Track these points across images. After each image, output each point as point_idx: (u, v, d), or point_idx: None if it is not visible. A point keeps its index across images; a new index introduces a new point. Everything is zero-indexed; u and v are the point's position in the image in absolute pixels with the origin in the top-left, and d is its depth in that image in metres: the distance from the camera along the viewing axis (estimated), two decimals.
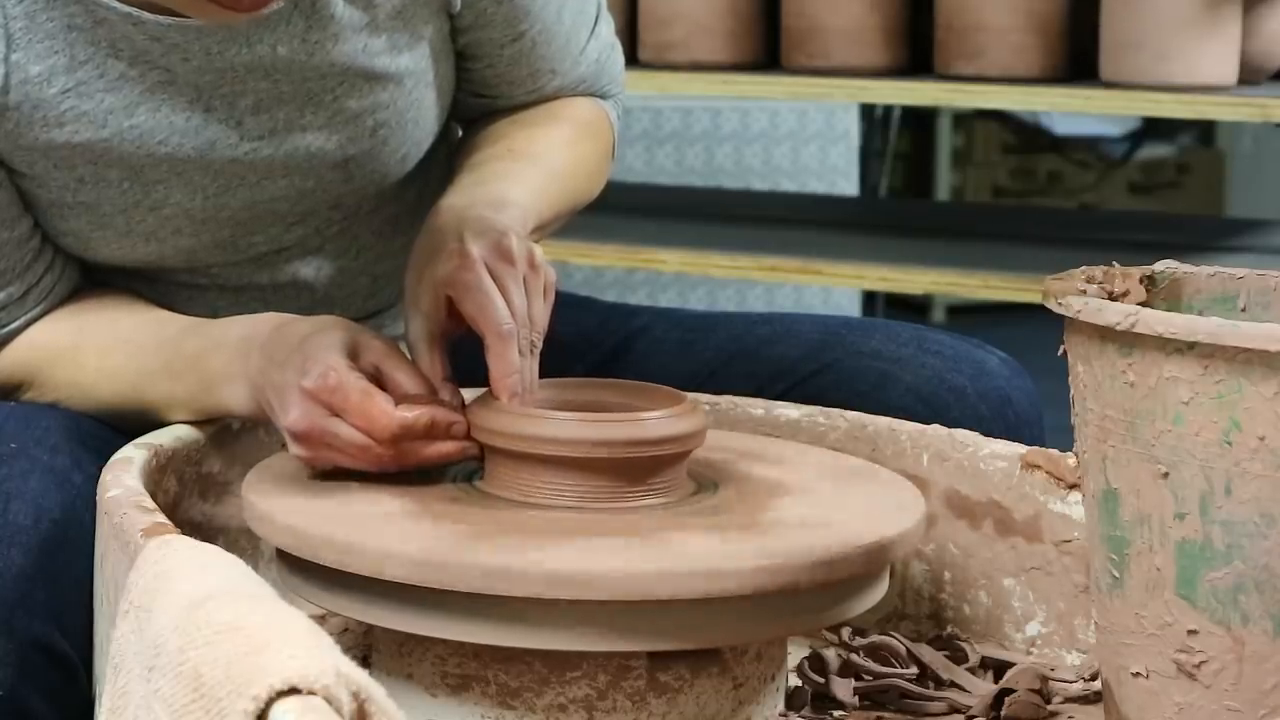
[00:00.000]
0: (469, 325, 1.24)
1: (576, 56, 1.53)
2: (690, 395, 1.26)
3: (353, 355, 1.22)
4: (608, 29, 1.57)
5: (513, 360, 1.21)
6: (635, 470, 1.19)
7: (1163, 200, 5.54)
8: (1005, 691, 1.20)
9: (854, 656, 1.24)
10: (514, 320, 1.22)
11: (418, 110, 1.42)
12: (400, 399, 1.20)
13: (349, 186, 1.42)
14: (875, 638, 1.26)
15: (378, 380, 1.22)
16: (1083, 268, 1.09)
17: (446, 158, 1.53)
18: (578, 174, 1.51)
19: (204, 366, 1.31)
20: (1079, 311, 1.01)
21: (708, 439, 1.30)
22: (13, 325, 1.38)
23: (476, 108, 1.53)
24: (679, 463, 1.22)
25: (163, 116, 1.33)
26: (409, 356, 1.25)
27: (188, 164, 1.35)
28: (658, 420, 1.20)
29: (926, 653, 1.25)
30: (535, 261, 1.27)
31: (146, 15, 1.29)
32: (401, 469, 1.22)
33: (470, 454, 1.22)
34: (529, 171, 1.43)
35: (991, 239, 3.11)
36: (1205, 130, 5.73)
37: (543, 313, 1.26)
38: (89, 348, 1.37)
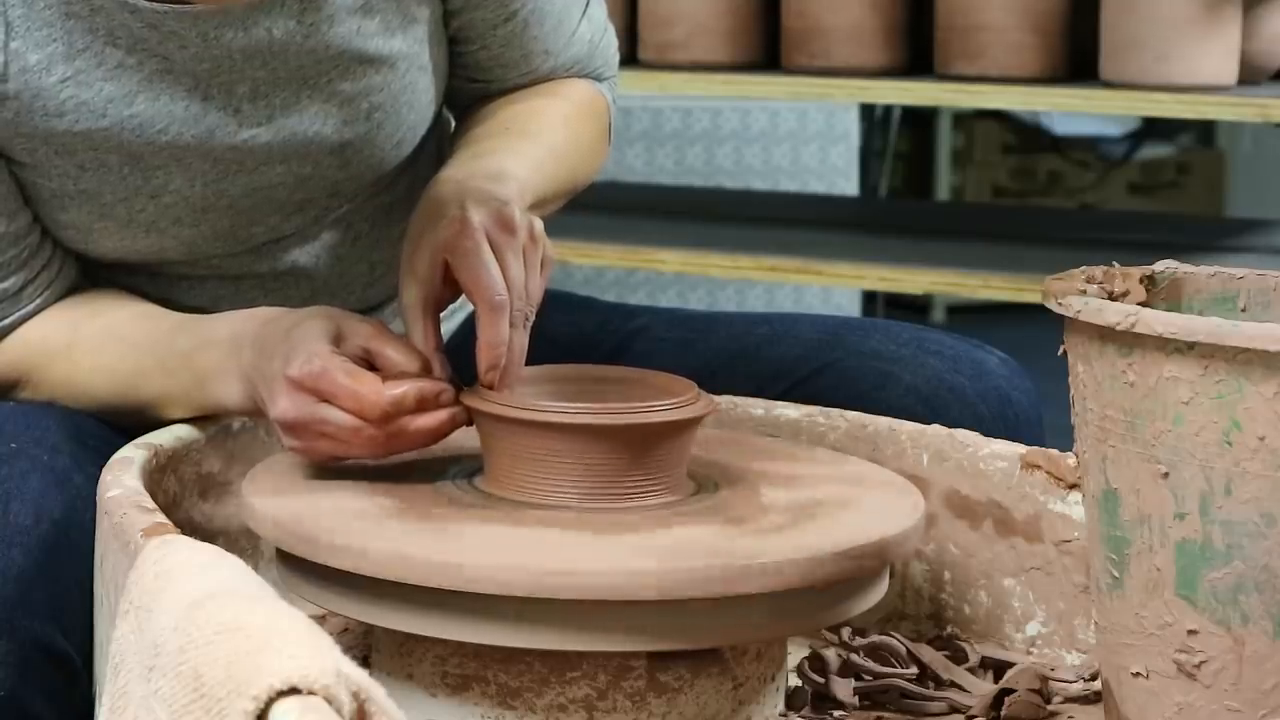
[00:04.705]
0: (463, 294, 1.24)
1: (569, 37, 1.53)
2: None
3: (337, 341, 1.23)
4: (600, 11, 1.57)
5: (501, 333, 1.21)
6: (635, 442, 1.18)
7: (1163, 200, 5.54)
8: (1005, 691, 1.20)
9: (854, 656, 1.24)
10: (509, 292, 1.22)
11: (411, 94, 1.43)
12: (387, 377, 1.20)
13: (346, 173, 1.42)
14: (875, 638, 1.26)
15: (368, 362, 1.22)
16: (1083, 268, 1.09)
17: (440, 146, 1.54)
18: (575, 152, 1.51)
19: (196, 364, 1.32)
20: (1079, 311, 1.01)
21: (708, 440, 1.31)
22: (7, 321, 1.38)
23: (471, 92, 1.53)
24: (679, 440, 1.21)
25: (162, 105, 1.33)
26: (405, 327, 1.25)
27: (187, 151, 1.35)
28: (657, 396, 1.21)
29: (926, 653, 1.25)
30: (536, 234, 1.27)
31: (142, 2, 1.30)
32: (396, 452, 1.22)
33: (461, 422, 1.22)
34: (527, 147, 1.43)
35: (991, 239, 3.11)
36: (1205, 130, 5.73)
37: (539, 286, 1.26)
38: (83, 345, 1.37)
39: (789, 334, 1.54)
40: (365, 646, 1.25)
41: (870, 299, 4.60)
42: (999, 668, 1.27)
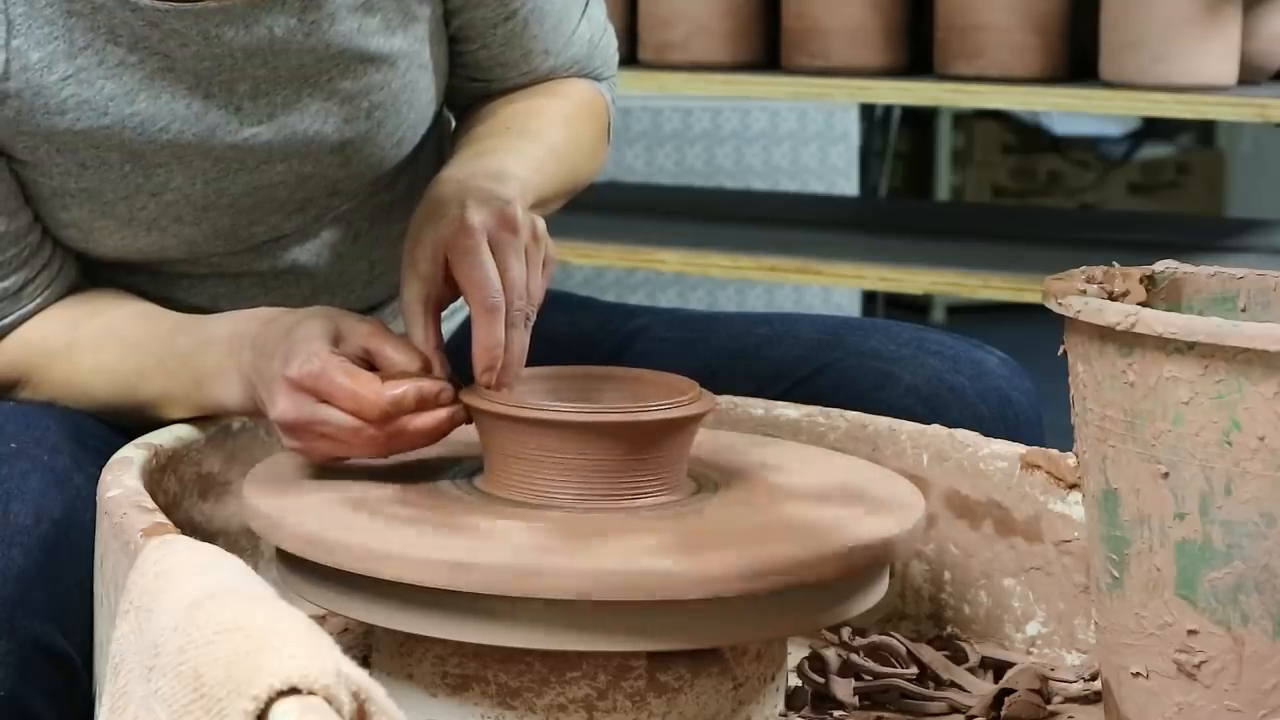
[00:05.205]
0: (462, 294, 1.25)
1: (569, 37, 1.53)
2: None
3: (337, 341, 1.23)
4: (600, 11, 1.57)
5: (497, 334, 1.21)
6: (635, 441, 1.18)
7: (1163, 200, 5.54)
8: (1005, 691, 1.20)
9: (854, 656, 1.24)
10: (511, 291, 1.22)
11: (412, 93, 1.43)
12: (387, 377, 1.20)
13: (346, 171, 1.42)
14: (875, 638, 1.26)
15: (368, 362, 1.23)
16: (1083, 268, 1.09)
17: (439, 145, 1.54)
18: (575, 152, 1.51)
19: (196, 364, 1.32)
20: (1079, 311, 1.01)
21: (708, 440, 1.31)
22: (7, 320, 1.38)
23: (471, 92, 1.53)
24: (679, 438, 1.21)
25: (163, 104, 1.33)
26: (405, 325, 1.25)
27: (189, 149, 1.35)
28: (657, 395, 1.21)
29: (926, 653, 1.25)
30: (538, 233, 1.27)
31: (144, 0, 1.30)
32: (396, 452, 1.22)
33: (460, 421, 1.22)
34: (527, 147, 1.43)
35: (991, 239, 3.11)
36: (1205, 130, 5.73)
37: (541, 286, 1.26)
38: (82, 345, 1.37)
39: (789, 334, 1.54)
40: (365, 646, 1.25)
41: (870, 299, 4.60)
42: (999, 668, 1.27)
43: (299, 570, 1.17)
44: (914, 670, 1.24)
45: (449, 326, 1.50)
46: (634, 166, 4.20)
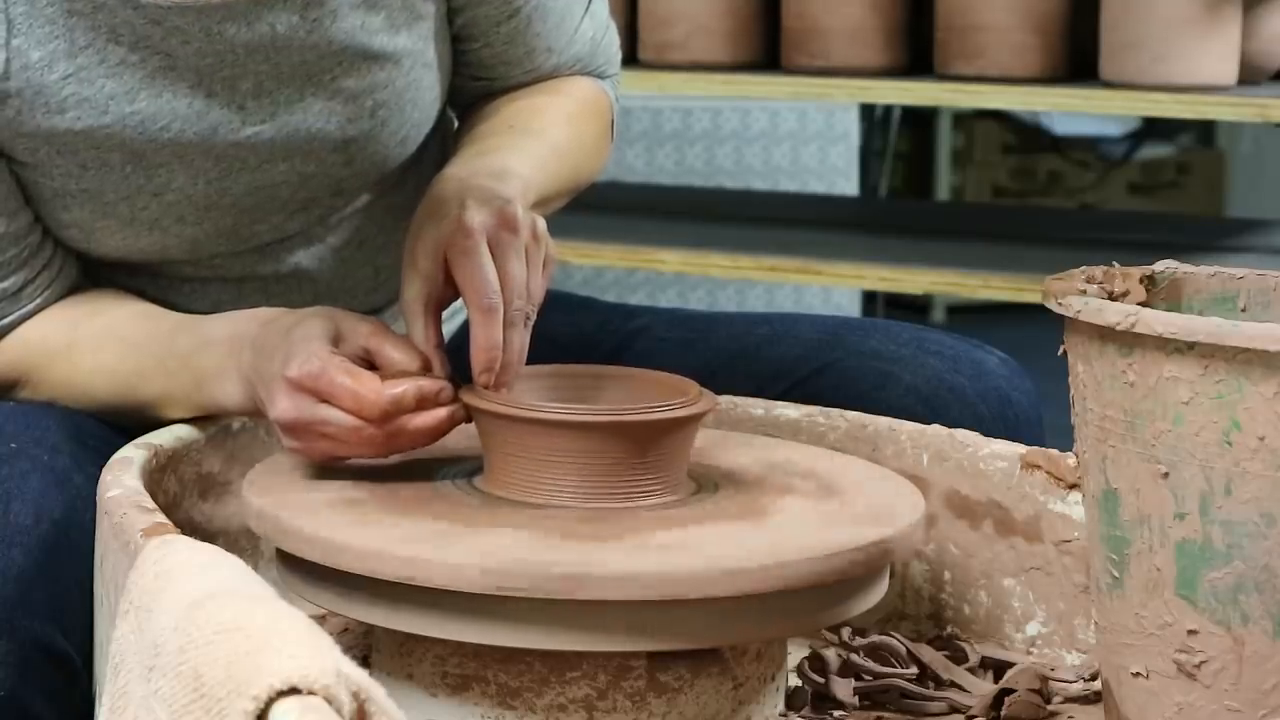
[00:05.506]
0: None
1: (571, 35, 1.53)
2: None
3: (337, 340, 1.23)
4: (602, 9, 1.57)
5: (494, 336, 1.21)
6: (635, 440, 1.18)
7: (1163, 200, 5.54)
8: (1005, 691, 1.20)
9: (854, 656, 1.24)
10: (510, 290, 1.22)
11: (416, 91, 1.43)
12: (387, 376, 1.20)
13: (349, 170, 1.42)
14: (875, 638, 1.26)
15: (368, 362, 1.23)
16: (1083, 268, 1.09)
17: (443, 145, 1.54)
18: (578, 150, 1.51)
19: (196, 364, 1.32)
20: (1079, 311, 1.01)
21: (709, 440, 1.30)
22: (7, 321, 1.38)
23: (474, 90, 1.53)
24: (680, 438, 1.21)
25: (164, 102, 1.33)
26: (405, 324, 1.25)
27: (190, 148, 1.35)
28: (657, 394, 1.21)
29: (926, 653, 1.25)
30: (538, 233, 1.27)
31: None
32: (396, 451, 1.22)
33: (460, 420, 1.22)
34: (530, 145, 1.43)
35: (991, 239, 3.11)
36: (1205, 130, 5.73)
37: (541, 285, 1.26)
38: (82, 345, 1.37)
39: (789, 334, 1.54)
40: (365, 646, 1.25)
41: (870, 299, 4.60)
42: (999, 668, 1.27)
43: (299, 570, 1.17)
44: (914, 670, 1.24)
45: (449, 326, 1.50)
46: (634, 166, 4.21)
